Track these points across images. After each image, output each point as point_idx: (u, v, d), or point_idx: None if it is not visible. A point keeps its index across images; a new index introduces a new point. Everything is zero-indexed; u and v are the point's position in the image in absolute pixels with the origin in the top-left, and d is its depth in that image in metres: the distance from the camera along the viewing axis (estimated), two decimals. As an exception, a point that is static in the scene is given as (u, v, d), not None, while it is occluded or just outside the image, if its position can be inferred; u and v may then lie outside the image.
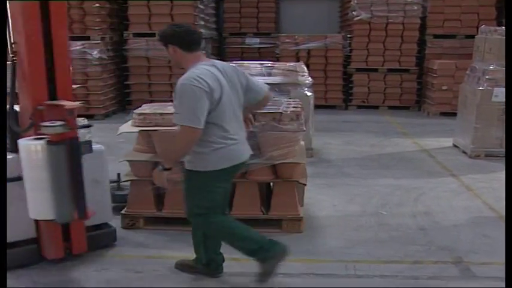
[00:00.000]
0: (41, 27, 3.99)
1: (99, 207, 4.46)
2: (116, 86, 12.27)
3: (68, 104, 3.95)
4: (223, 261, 4.20)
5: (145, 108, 5.23)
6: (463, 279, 4.20)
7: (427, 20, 12.62)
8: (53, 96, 4.09)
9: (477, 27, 9.72)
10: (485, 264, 4.40)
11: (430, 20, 12.56)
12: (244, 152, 3.90)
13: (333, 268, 4.35)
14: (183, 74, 3.66)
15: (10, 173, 3.97)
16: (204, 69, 3.63)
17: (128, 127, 5.08)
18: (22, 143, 3.89)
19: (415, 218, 5.49)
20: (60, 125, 3.80)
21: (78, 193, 3.94)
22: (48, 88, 4.07)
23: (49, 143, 3.80)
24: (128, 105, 12.20)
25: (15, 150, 4.02)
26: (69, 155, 3.84)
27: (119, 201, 5.30)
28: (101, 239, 4.63)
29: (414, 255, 4.60)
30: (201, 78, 3.54)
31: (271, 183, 5.22)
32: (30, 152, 3.84)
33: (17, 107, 4.22)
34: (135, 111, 5.15)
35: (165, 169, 3.70)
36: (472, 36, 9.47)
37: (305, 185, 5.32)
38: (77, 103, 4.05)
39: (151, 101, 6.35)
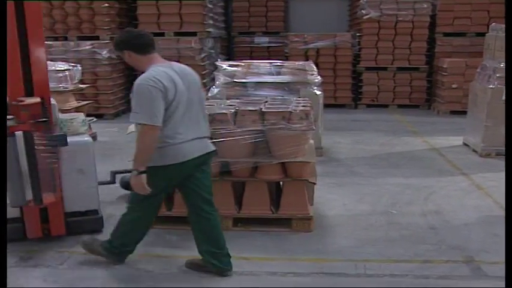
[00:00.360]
0: (15, 26, 4.27)
1: (84, 195, 4.83)
2: (125, 85, 12.29)
3: (28, 101, 4.24)
4: (230, 257, 4.21)
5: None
6: (474, 279, 4.18)
7: (436, 18, 12.57)
8: (30, 92, 4.38)
9: (487, 25, 9.66)
10: (496, 264, 4.37)
11: (439, 18, 12.51)
12: (194, 151, 3.94)
13: (343, 267, 4.34)
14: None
15: None
16: (160, 70, 3.80)
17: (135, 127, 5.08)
18: None
19: (425, 217, 5.47)
20: (10, 119, 4.09)
21: (33, 181, 4.21)
22: (25, 85, 4.36)
23: (8, 134, 4.07)
24: (137, 104, 12.20)
25: None
26: (25, 146, 4.14)
27: None
28: (85, 225, 4.89)
29: (424, 254, 4.58)
30: (156, 78, 3.71)
31: (281, 182, 5.21)
32: None
33: None
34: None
35: (140, 172, 3.77)
36: (483, 34, 9.41)
37: (315, 184, 5.31)
38: (37, 99, 4.29)
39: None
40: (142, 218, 4.19)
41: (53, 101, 4.57)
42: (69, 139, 4.49)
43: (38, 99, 4.29)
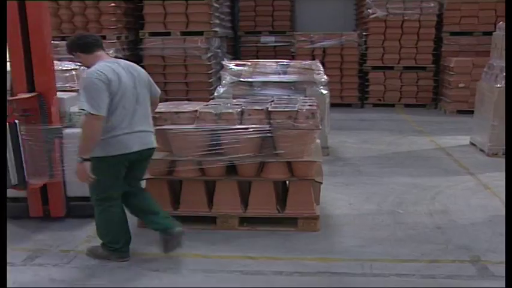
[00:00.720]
0: (19, 26, 4.64)
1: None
2: (131, 85, 12.29)
3: (19, 96, 4.66)
4: (171, 217, 4.53)
5: (161, 107, 5.23)
6: (480, 279, 4.16)
7: (443, 17, 12.54)
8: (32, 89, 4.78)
9: (495, 24, 9.64)
10: (503, 264, 4.32)
11: (446, 17, 12.47)
12: (136, 143, 4.20)
13: (349, 267, 4.33)
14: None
15: None
16: (104, 65, 4.11)
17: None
18: None
19: (432, 217, 5.45)
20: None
21: (16, 167, 4.54)
22: (27, 82, 4.76)
23: None
24: (144, 104, 12.23)
25: None
26: (10, 136, 4.46)
27: None
28: (86, 209, 5.01)
29: (431, 254, 4.57)
30: (100, 71, 4.03)
31: (287, 182, 5.21)
32: None
33: None
34: (151, 110, 5.17)
35: (84, 160, 3.99)
36: (490, 33, 9.35)
37: (321, 183, 5.30)
38: (26, 95, 4.68)
39: (167, 100, 6.36)
40: (113, 212, 4.34)
41: (63, 95, 4.95)
42: (75, 130, 4.70)
43: (27, 95, 4.62)
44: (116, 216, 4.36)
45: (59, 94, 5.12)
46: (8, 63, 4.71)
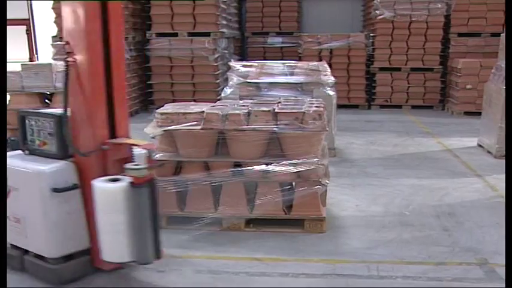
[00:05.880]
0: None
1: None
2: (138, 85, 12.35)
3: (143, 143, 3.95)
4: None
5: (168, 108, 5.25)
6: (487, 281, 4.14)
7: (451, 18, 12.49)
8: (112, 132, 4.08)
9: (503, 25, 9.60)
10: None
11: (454, 18, 12.43)
12: None
13: (356, 269, 4.32)
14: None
15: (63, 182, 3.93)
16: None
17: (153, 128, 5.10)
18: (98, 184, 3.80)
19: (438, 219, 5.43)
20: (144, 168, 3.79)
21: (156, 234, 3.91)
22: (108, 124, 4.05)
23: (133, 185, 3.75)
24: (151, 104, 12.29)
25: (65, 156, 4.03)
26: (150, 196, 3.82)
27: None
28: None
29: (438, 256, 4.55)
30: None
31: (294, 183, 5.20)
32: (109, 195, 3.77)
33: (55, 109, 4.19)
34: (157, 110, 5.18)
35: None
36: (498, 34, 9.33)
37: (327, 184, 5.29)
38: (151, 142, 4.00)
39: (174, 101, 6.38)
40: None
41: None
42: None
43: (145, 141, 4.08)
44: None
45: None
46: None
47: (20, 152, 4.28)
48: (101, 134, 3.99)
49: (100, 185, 3.79)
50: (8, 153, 4.12)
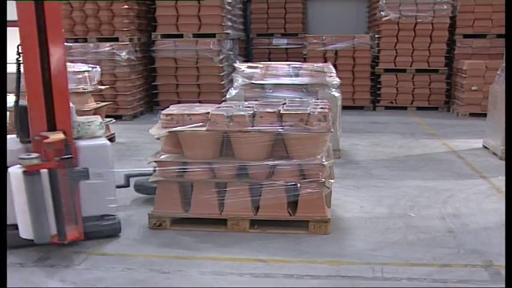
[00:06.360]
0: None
1: (102, 199, 4.77)
2: (143, 86, 12.38)
3: (52, 137, 4.30)
4: None
5: (173, 109, 5.25)
6: (493, 284, 4.13)
7: (456, 19, 12.48)
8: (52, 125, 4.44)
9: (508, 27, 9.56)
10: (516, 268, 4.32)
11: (459, 20, 12.42)
12: None
13: (360, 270, 4.31)
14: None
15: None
16: None
17: (158, 129, 5.10)
18: (10, 169, 4.26)
19: (444, 220, 5.42)
20: (35, 157, 4.19)
21: (58, 217, 4.29)
22: (47, 118, 4.42)
23: (25, 173, 4.16)
24: (156, 105, 12.31)
25: (24, 141, 4.56)
26: (49, 182, 4.22)
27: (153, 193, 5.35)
28: (102, 229, 4.83)
29: (443, 258, 4.54)
30: None
31: (299, 184, 5.20)
32: (14, 178, 4.23)
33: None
34: (162, 112, 5.19)
35: None
36: (503, 36, 9.31)
37: (332, 185, 5.29)
38: (61, 136, 4.35)
39: (179, 102, 6.39)
40: None
41: (71, 103, 4.63)
42: (86, 142, 4.71)
43: (62, 136, 4.35)
44: None
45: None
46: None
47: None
48: (38, 125, 4.40)
49: (10, 169, 4.26)
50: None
